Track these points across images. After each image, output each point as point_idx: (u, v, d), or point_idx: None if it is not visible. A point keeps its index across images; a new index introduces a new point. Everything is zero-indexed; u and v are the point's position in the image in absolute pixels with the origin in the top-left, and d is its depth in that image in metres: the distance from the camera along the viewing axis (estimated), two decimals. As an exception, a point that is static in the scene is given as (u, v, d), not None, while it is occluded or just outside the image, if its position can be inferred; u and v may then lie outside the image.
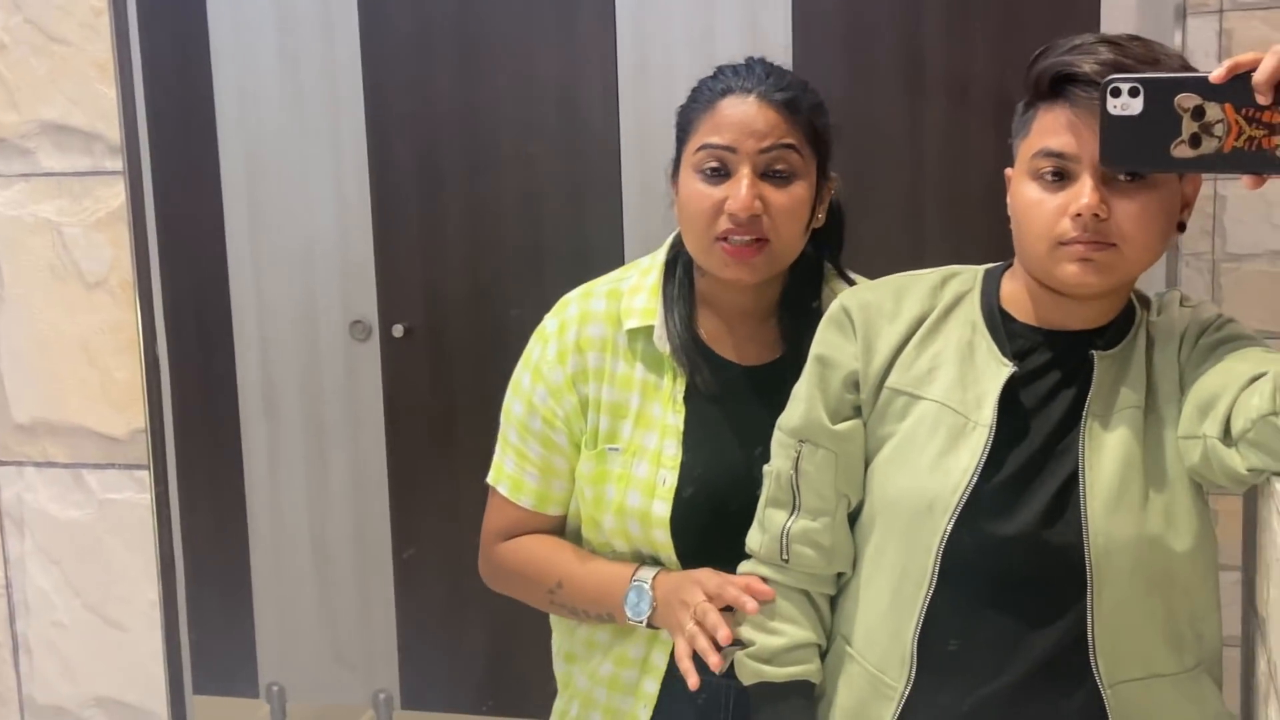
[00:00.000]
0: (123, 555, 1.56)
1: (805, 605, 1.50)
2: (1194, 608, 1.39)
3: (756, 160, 1.58)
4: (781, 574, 1.50)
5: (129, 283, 1.47)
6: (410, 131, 2.82)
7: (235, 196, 2.88)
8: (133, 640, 1.59)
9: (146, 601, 1.56)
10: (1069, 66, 1.33)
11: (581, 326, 1.67)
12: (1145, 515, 1.35)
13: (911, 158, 2.57)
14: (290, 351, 2.93)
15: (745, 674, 1.51)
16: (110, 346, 1.50)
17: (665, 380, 1.64)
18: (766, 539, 1.50)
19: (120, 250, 1.46)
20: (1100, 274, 1.34)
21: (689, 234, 1.62)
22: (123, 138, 1.41)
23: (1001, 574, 1.39)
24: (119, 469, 1.52)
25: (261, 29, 2.82)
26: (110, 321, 1.49)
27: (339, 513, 2.98)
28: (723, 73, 1.64)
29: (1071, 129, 1.33)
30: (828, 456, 1.47)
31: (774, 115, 1.59)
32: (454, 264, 2.85)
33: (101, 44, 1.37)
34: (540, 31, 2.72)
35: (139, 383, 1.51)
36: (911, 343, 1.46)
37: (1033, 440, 1.40)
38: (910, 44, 2.54)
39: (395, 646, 3.01)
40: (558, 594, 1.67)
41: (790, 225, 1.60)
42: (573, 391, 1.65)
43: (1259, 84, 1.18)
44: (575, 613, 1.67)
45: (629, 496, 1.62)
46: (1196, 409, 1.34)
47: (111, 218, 1.44)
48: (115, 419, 1.52)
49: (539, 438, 1.68)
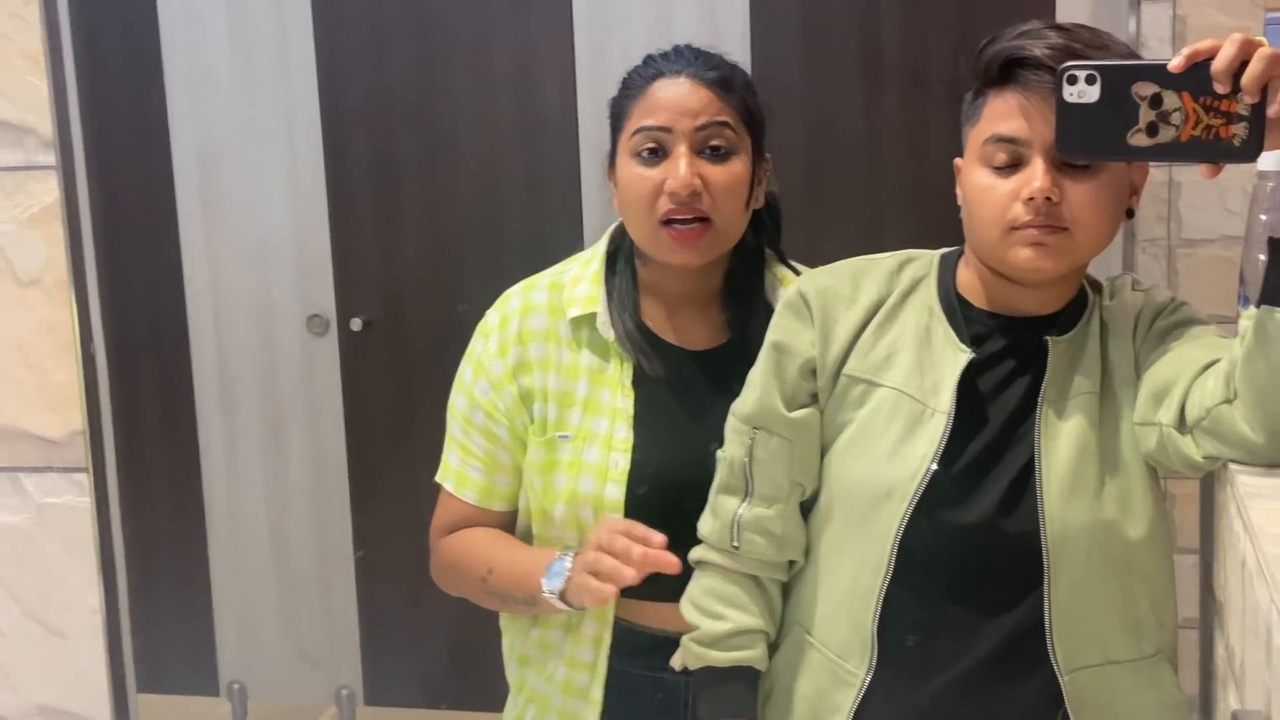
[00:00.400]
0: (63, 561, 1.53)
1: (754, 591, 1.50)
2: (1154, 593, 1.39)
3: (693, 138, 1.58)
4: (732, 560, 1.49)
5: (64, 281, 1.44)
6: (366, 123, 2.80)
7: (188, 191, 2.84)
8: (74, 647, 1.56)
9: (88, 608, 1.53)
10: (1019, 51, 1.33)
11: (523, 318, 1.66)
12: (1100, 501, 1.36)
13: (868, 146, 2.57)
14: (247, 347, 2.91)
15: (690, 658, 1.50)
16: (46, 347, 1.47)
17: (613, 366, 1.64)
18: (718, 525, 1.50)
19: (55, 248, 1.43)
20: (1053, 258, 1.34)
21: (632, 220, 1.62)
22: (55, 132, 1.38)
23: (959, 562, 1.39)
24: (57, 472, 1.49)
25: (213, 21, 2.78)
26: (46, 321, 1.46)
27: (299, 509, 2.95)
28: (652, 59, 1.64)
29: (1022, 113, 1.33)
30: (782, 444, 1.46)
31: (706, 93, 1.59)
32: (412, 256, 2.83)
33: (31, 35, 1.33)
34: (497, 22, 2.70)
35: (76, 383, 1.48)
36: (869, 328, 1.46)
37: (990, 427, 1.40)
38: (867, 32, 2.53)
39: (357, 643, 2.99)
40: (489, 581, 1.66)
41: (731, 202, 1.60)
42: (513, 383, 1.65)
43: (1217, 72, 1.17)
44: (505, 600, 1.66)
45: (580, 482, 1.61)
46: (1151, 396, 1.34)
47: (45, 214, 1.41)
48: (52, 421, 1.49)
49: (482, 431, 1.68)
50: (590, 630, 1.65)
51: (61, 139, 1.41)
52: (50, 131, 1.39)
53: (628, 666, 1.66)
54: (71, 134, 1.43)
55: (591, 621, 1.65)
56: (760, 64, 2.54)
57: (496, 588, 1.66)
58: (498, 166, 2.76)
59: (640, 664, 1.66)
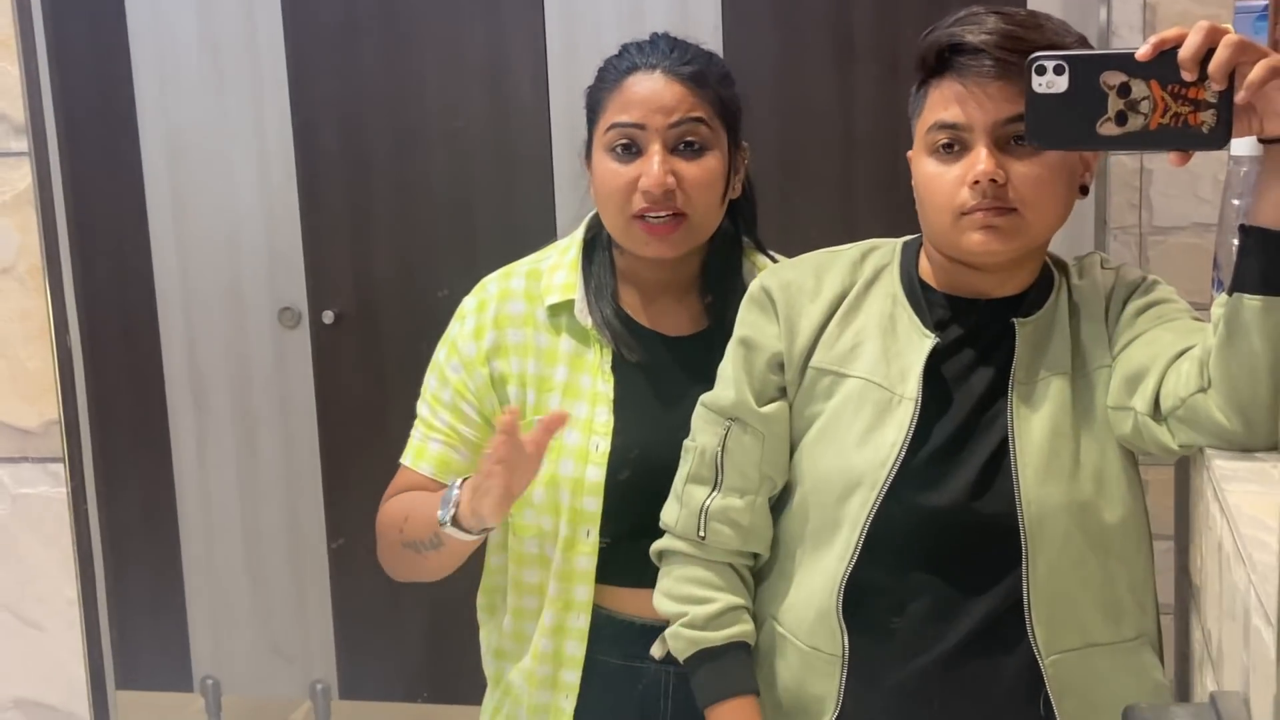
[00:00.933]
0: (39, 552, 1.51)
1: (730, 574, 1.50)
2: (1131, 575, 1.40)
3: (666, 135, 1.58)
4: (699, 549, 1.49)
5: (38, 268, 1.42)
6: (336, 115, 2.78)
7: (157, 183, 2.82)
8: (51, 639, 1.55)
9: (64, 599, 1.52)
10: (953, 38, 1.34)
11: (501, 304, 1.66)
12: (1077, 482, 1.36)
13: (842, 134, 2.57)
14: (218, 340, 2.89)
15: (681, 645, 1.50)
16: (20, 335, 1.45)
17: (592, 352, 1.64)
18: (684, 514, 1.49)
19: (28, 235, 1.41)
20: (1004, 240, 1.34)
21: (606, 214, 1.62)
22: (27, 117, 1.36)
23: (934, 545, 1.39)
24: (32, 463, 1.47)
25: (181, 12, 2.76)
26: (19, 309, 1.44)
27: (271, 502, 2.94)
28: (627, 50, 1.64)
29: (961, 99, 1.34)
30: (755, 437, 1.46)
31: (680, 89, 1.59)
32: (383, 248, 2.81)
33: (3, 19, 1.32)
34: (468, 12, 2.69)
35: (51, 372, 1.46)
36: (833, 320, 1.46)
37: (959, 411, 1.40)
38: (839, 21, 2.54)
39: (331, 637, 2.98)
40: (405, 532, 1.63)
41: (705, 197, 1.60)
42: (485, 366, 1.64)
43: (1184, 60, 1.18)
44: (419, 550, 1.62)
45: (561, 465, 1.61)
46: (1125, 380, 1.35)
47: (18, 201, 1.39)
48: (27, 411, 1.47)
49: (448, 408, 1.67)
50: (568, 620, 1.65)
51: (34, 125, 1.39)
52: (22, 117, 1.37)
53: (606, 656, 1.65)
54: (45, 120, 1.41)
55: (569, 611, 1.65)
56: (732, 54, 2.54)
57: (411, 536, 1.62)
58: (469, 158, 2.75)
59: (618, 653, 1.66)
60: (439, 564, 1.63)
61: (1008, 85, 1.32)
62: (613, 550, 1.63)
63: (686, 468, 1.51)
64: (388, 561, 1.73)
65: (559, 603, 1.64)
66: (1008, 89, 1.32)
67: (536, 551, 1.66)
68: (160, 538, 2.95)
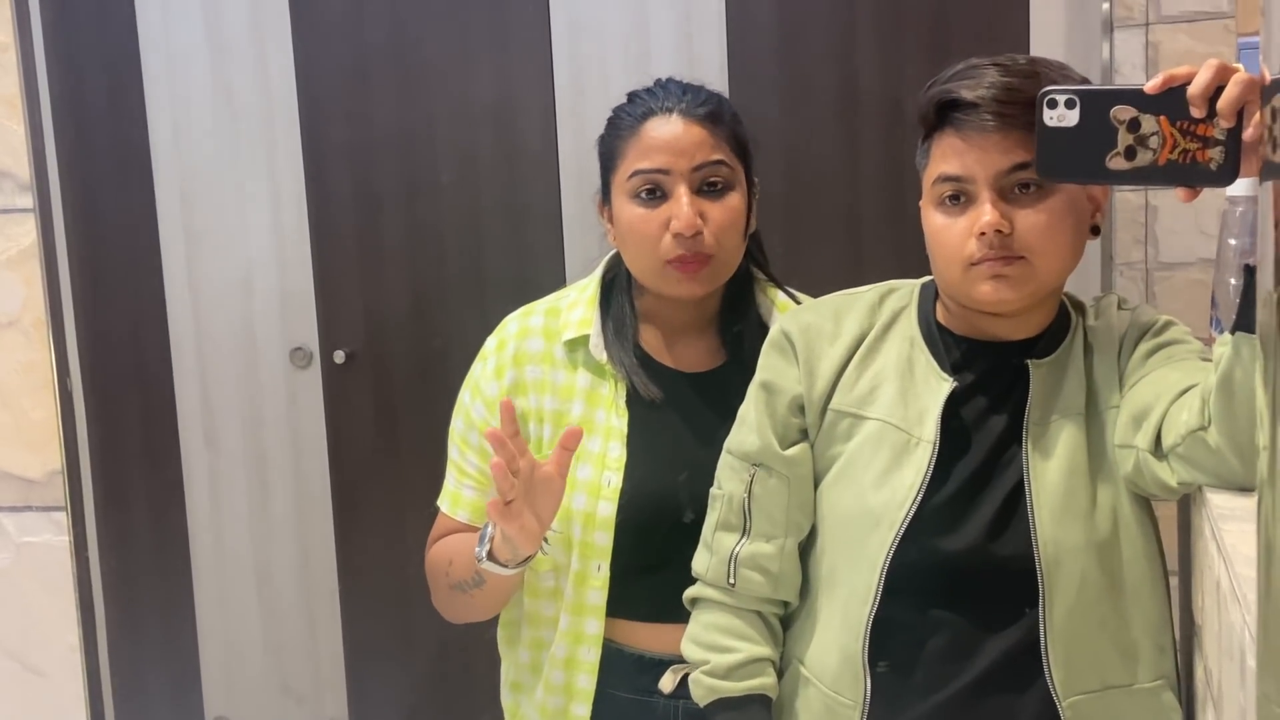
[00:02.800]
0: (41, 599, 1.53)
1: (758, 623, 1.51)
2: (1148, 617, 1.40)
3: (691, 178, 1.59)
4: (730, 597, 1.50)
5: (42, 321, 1.45)
6: (347, 158, 2.80)
7: (171, 227, 2.84)
8: (53, 686, 1.56)
9: (66, 645, 1.53)
10: (949, 94, 1.36)
11: (520, 342, 1.68)
12: (1092, 522, 1.37)
13: (846, 177, 2.58)
14: (230, 380, 2.90)
15: (700, 692, 1.50)
16: (24, 386, 1.47)
17: (607, 386, 1.65)
18: (714, 561, 1.50)
19: (33, 289, 1.44)
20: (1014, 289, 1.35)
21: (636, 258, 1.63)
22: (32, 175, 1.38)
23: (952, 585, 1.40)
24: (36, 511, 1.49)
25: (195, 59, 2.79)
26: (24, 361, 1.47)
27: (283, 541, 2.94)
28: (638, 97, 1.66)
29: (962, 153, 1.35)
30: (780, 481, 1.47)
31: (700, 131, 1.61)
32: (394, 288, 2.83)
33: (8, 80, 1.34)
34: (477, 57, 2.72)
35: (55, 423, 1.48)
36: (852, 363, 1.47)
37: (976, 453, 1.41)
38: (844, 66, 2.55)
39: (343, 676, 2.98)
40: (451, 574, 1.67)
41: (731, 236, 1.62)
42: None
43: (1193, 97, 1.19)
44: (465, 590, 1.65)
45: (574, 500, 1.62)
46: (1131, 419, 1.35)
47: (23, 256, 1.42)
48: (31, 460, 1.49)
49: (476, 451, 1.69)
50: (579, 653, 1.65)
51: (39, 182, 1.42)
52: (28, 174, 1.40)
53: (616, 690, 1.66)
54: (49, 176, 1.43)
55: (580, 645, 1.65)
56: (738, 94, 2.55)
57: (456, 578, 1.66)
58: (479, 199, 2.76)
59: (628, 687, 1.66)
60: (485, 602, 1.66)
61: (1007, 136, 1.33)
62: (624, 585, 1.64)
63: (715, 515, 1.51)
64: (441, 605, 1.76)
65: (570, 636, 1.65)
66: (1008, 139, 1.33)
67: (552, 585, 1.67)
68: (173, 577, 2.95)
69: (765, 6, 2.58)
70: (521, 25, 2.68)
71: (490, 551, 1.56)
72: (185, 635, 2.99)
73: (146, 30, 2.77)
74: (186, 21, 2.77)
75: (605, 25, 2.64)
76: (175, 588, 2.95)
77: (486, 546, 1.56)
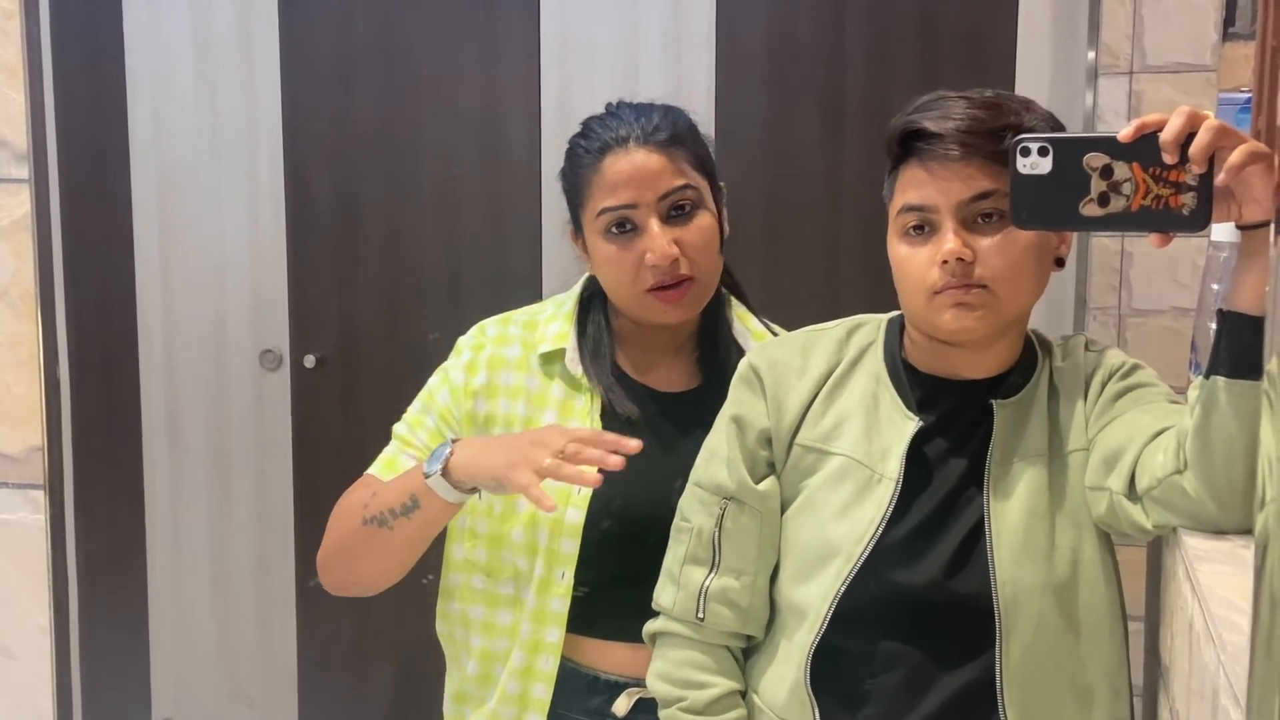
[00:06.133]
0: (13, 578, 1.50)
1: (727, 657, 1.50)
2: (1106, 660, 1.40)
3: (659, 208, 1.60)
4: (697, 632, 1.49)
5: (31, 294, 1.43)
6: (328, 160, 2.79)
7: (146, 218, 2.82)
8: (20, 668, 1.53)
9: (37, 627, 1.50)
10: (914, 124, 1.37)
11: (498, 346, 1.68)
12: (1051, 564, 1.37)
13: (834, 197, 2.59)
14: (197, 378, 2.88)
15: None
16: (8, 360, 1.45)
17: (583, 400, 1.65)
18: (682, 595, 1.49)
19: (23, 261, 1.42)
20: (977, 316, 1.36)
21: (615, 292, 1.64)
22: (30, 145, 1.37)
23: (908, 619, 1.40)
24: (12, 488, 1.47)
25: (180, 52, 2.77)
26: (9, 334, 1.45)
27: (241, 545, 2.91)
28: (592, 130, 1.65)
29: (925, 183, 1.37)
30: (753, 516, 1.47)
31: (659, 158, 1.61)
32: (369, 294, 2.82)
33: (11, 48, 1.33)
34: (464, 62, 2.72)
35: (38, 398, 1.46)
36: (819, 398, 1.48)
37: (937, 490, 1.41)
38: (831, 86, 2.57)
39: (295, 683, 2.95)
40: (372, 505, 1.60)
41: (707, 254, 1.63)
42: (471, 400, 1.65)
43: (1165, 143, 1.21)
44: (386, 519, 1.58)
45: None
46: (1103, 461, 1.36)
47: (15, 227, 1.40)
48: (10, 435, 1.47)
49: (429, 431, 1.68)
50: (537, 663, 1.64)
51: (36, 153, 1.40)
52: (25, 144, 1.38)
53: (568, 710, 1.65)
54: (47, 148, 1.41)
55: (539, 654, 1.64)
56: (725, 116, 2.57)
57: (377, 508, 1.59)
58: (459, 208, 2.76)
59: (580, 708, 1.65)
60: (405, 536, 1.58)
61: (970, 165, 1.34)
62: (587, 600, 1.63)
63: (682, 549, 1.50)
64: (338, 549, 1.67)
65: (529, 644, 1.64)
66: (970, 169, 1.34)
67: (511, 593, 1.66)
68: (127, 572, 2.91)
69: (754, 29, 2.60)
70: (511, 37, 2.68)
71: (446, 469, 1.52)
72: (137, 634, 2.93)
73: (132, 23, 2.76)
74: (173, 16, 2.75)
75: (595, 41, 2.65)
76: (129, 583, 2.90)
77: (440, 464, 1.52)
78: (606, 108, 1.68)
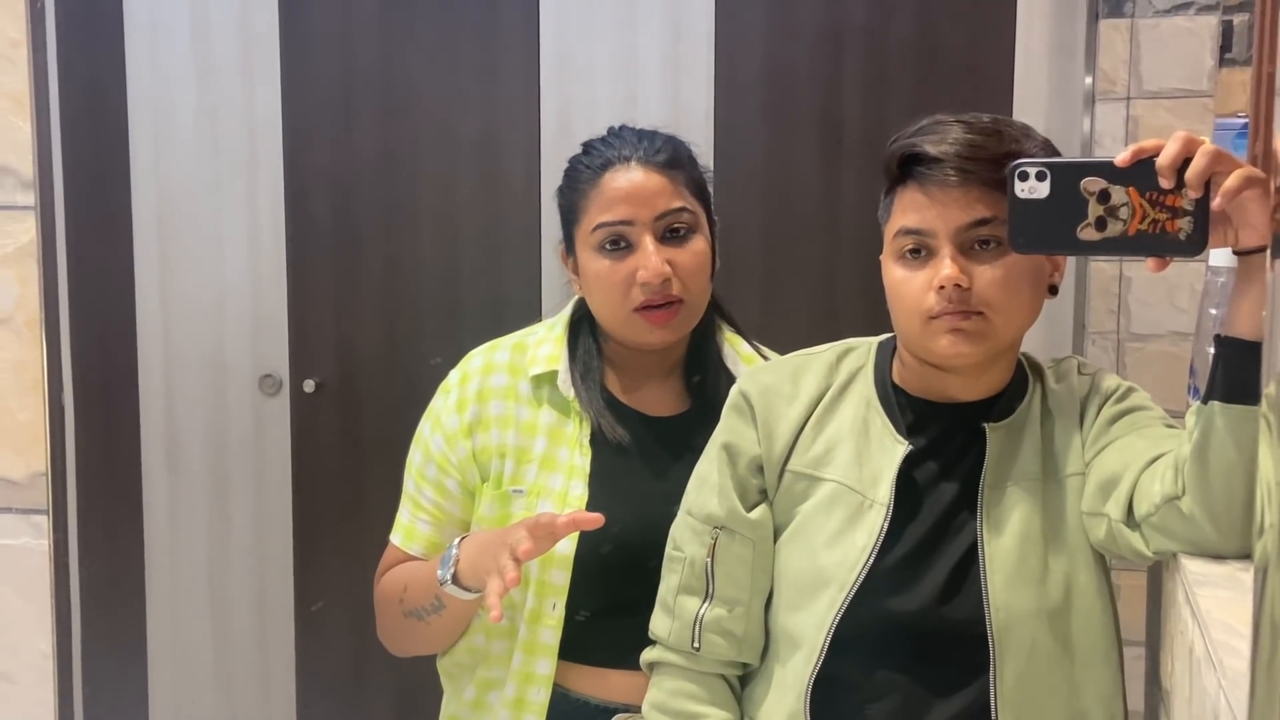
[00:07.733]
0: (15, 603, 1.50)
1: (722, 686, 1.50)
2: (1100, 685, 1.40)
3: (655, 227, 1.61)
4: (693, 662, 1.49)
5: (36, 321, 1.43)
6: (329, 185, 2.80)
7: (146, 245, 2.82)
8: (21, 693, 1.53)
9: (38, 653, 1.50)
10: (913, 148, 1.38)
11: (484, 377, 1.68)
12: (1045, 589, 1.37)
13: (831, 221, 2.60)
14: (197, 403, 2.87)
15: None
16: (13, 386, 1.45)
17: (572, 425, 1.65)
18: (677, 626, 1.49)
19: (28, 288, 1.42)
20: (972, 343, 1.36)
21: (604, 309, 1.64)
22: (36, 173, 1.37)
23: (902, 646, 1.39)
24: (16, 514, 1.47)
25: (181, 77, 2.79)
26: (14, 360, 1.45)
27: (241, 571, 2.91)
28: (594, 148, 1.67)
29: (923, 206, 1.37)
30: (745, 545, 1.47)
31: (659, 179, 1.62)
32: (369, 320, 2.82)
33: (18, 76, 1.33)
34: (464, 89, 2.73)
35: (42, 424, 1.47)
36: (809, 424, 1.47)
37: (929, 516, 1.41)
38: (829, 112, 2.58)
39: (294, 708, 2.94)
40: (405, 601, 1.65)
41: (698, 279, 1.63)
42: (468, 439, 1.66)
43: (1162, 168, 1.21)
44: (420, 614, 1.64)
45: None
46: (1099, 487, 1.36)
47: (21, 254, 1.40)
48: (14, 461, 1.47)
49: (433, 484, 1.68)
50: (528, 694, 1.64)
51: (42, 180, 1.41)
52: (31, 172, 1.39)
53: None
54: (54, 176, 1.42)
55: (530, 685, 1.64)
56: (723, 141, 2.58)
57: (411, 604, 1.64)
58: (459, 234, 2.77)
59: (572, 733, 1.65)
60: (442, 628, 1.64)
61: (969, 191, 1.35)
62: (578, 627, 1.63)
63: (676, 578, 1.50)
64: (390, 635, 1.73)
65: (521, 675, 1.63)
66: (969, 195, 1.35)
67: (506, 624, 1.65)
68: (126, 598, 2.90)
69: (753, 54, 2.61)
70: (511, 62, 2.70)
71: (455, 574, 1.55)
72: (136, 660, 2.93)
73: (134, 51, 2.77)
74: (174, 44, 2.77)
75: (594, 67, 2.66)
76: (128, 612, 2.89)
77: (451, 569, 1.55)
78: (609, 130, 1.70)
